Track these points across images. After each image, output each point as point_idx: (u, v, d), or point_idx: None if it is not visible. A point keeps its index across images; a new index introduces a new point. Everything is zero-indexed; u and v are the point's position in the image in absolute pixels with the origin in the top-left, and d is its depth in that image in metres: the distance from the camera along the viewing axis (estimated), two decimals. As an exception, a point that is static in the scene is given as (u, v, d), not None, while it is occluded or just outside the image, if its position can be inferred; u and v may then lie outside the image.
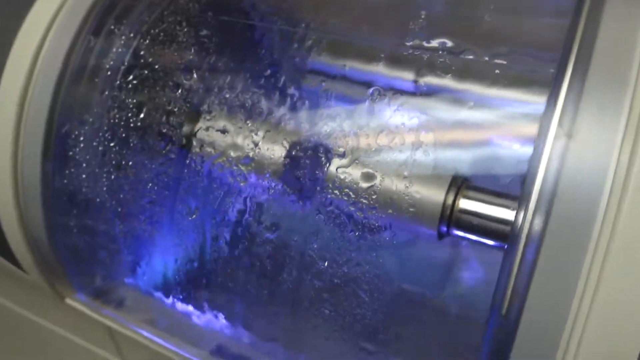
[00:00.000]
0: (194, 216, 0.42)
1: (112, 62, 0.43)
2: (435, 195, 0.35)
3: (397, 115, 0.37)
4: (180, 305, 0.48)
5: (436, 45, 0.38)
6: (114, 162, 0.43)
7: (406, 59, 0.37)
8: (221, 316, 0.46)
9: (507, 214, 0.33)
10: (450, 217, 0.34)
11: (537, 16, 0.38)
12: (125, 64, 0.43)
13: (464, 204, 0.35)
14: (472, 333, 0.41)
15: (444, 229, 0.35)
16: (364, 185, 0.37)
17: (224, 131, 0.41)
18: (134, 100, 0.42)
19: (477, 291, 0.41)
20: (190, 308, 0.48)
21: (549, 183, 0.27)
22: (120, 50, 0.43)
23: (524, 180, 0.31)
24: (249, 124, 0.40)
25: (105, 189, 0.43)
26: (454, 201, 0.34)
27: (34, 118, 0.42)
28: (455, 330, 0.42)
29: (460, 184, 0.35)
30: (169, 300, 0.48)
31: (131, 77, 0.43)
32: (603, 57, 0.28)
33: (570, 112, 0.28)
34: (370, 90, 0.38)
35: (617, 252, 0.26)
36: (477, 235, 0.34)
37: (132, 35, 0.43)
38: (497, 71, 0.36)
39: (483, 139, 0.36)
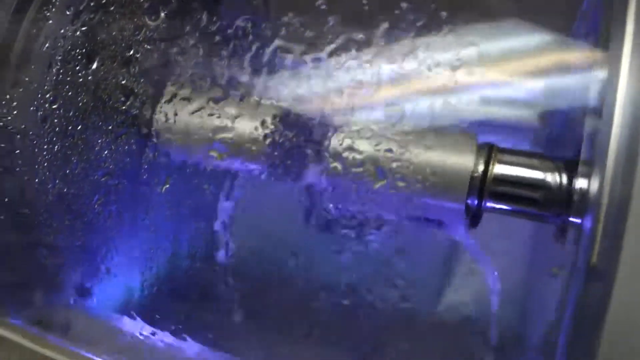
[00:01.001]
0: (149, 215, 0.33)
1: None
2: (461, 159, 0.28)
3: (403, 61, 0.29)
4: (145, 331, 0.38)
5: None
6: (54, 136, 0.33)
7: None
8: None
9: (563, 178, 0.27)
10: (482, 187, 0.28)
11: None
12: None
13: (500, 169, 0.28)
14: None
15: (474, 202, 0.28)
16: (364, 157, 0.29)
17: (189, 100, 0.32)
18: (84, 50, 0.32)
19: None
20: (157, 333, 0.38)
21: (630, 124, 0.20)
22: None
23: (592, 127, 0.23)
24: (222, 94, 0.31)
25: (46, 172, 0.33)
26: (487, 168, 0.28)
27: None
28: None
29: (490, 146, 0.29)
30: (131, 326, 0.38)
31: (79, 32, 0.33)
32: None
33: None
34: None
35: None
36: (522, 208, 0.28)
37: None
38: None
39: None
